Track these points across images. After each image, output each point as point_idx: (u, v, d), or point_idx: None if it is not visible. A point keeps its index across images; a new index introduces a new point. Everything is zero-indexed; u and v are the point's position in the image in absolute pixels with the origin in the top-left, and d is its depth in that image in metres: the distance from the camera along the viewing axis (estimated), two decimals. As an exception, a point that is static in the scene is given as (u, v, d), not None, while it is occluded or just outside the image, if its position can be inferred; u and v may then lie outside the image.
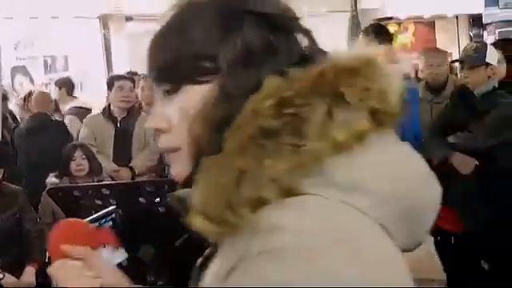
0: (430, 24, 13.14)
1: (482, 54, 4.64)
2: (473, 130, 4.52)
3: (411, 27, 12.96)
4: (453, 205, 4.44)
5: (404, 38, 12.74)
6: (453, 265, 4.90)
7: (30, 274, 4.81)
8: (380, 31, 4.72)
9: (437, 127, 4.74)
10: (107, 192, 2.71)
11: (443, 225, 4.49)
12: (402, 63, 4.86)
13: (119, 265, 2.45)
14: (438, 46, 12.29)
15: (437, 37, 12.98)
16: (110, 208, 2.53)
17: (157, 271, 2.81)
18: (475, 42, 5.06)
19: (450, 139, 4.61)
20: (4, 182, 5.07)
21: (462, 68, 4.73)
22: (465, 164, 4.51)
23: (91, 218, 2.37)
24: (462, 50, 4.94)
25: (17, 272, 4.84)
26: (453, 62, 5.76)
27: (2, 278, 4.66)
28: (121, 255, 2.53)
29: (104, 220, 2.46)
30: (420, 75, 6.05)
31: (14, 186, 5.10)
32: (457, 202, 4.43)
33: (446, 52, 5.65)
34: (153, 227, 2.67)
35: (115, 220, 2.51)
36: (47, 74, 11.77)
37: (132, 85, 6.29)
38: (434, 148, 4.58)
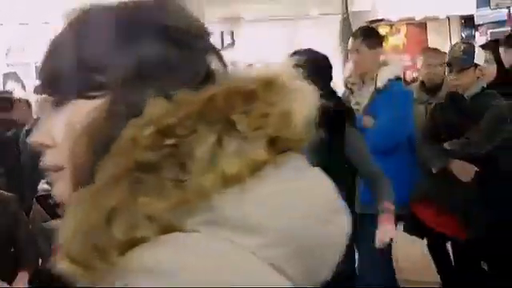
0: (422, 25, 13.13)
1: (470, 55, 4.61)
2: (469, 135, 4.50)
3: (403, 29, 12.96)
4: (454, 211, 4.44)
5: (396, 40, 12.74)
6: (450, 268, 4.88)
7: (22, 279, 4.77)
8: (369, 34, 4.71)
9: (431, 134, 4.71)
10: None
11: (444, 230, 4.48)
12: (393, 65, 4.80)
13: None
14: (430, 47, 12.32)
15: (429, 38, 12.98)
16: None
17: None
18: (462, 42, 5.02)
19: (447, 146, 4.58)
20: None
21: (450, 71, 4.69)
22: (465, 171, 4.49)
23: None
24: (448, 52, 4.88)
25: (9, 279, 4.80)
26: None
27: None
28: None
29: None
30: (417, 75, 6.06)
31: (6, 193, 5.06)
32: (457, 208, 4.42)
33: (445, 53, 5.64)
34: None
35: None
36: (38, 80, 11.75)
37: None
38: (432, 156, 4.56)
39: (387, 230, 3.70)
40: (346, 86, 4.79)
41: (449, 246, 5.12)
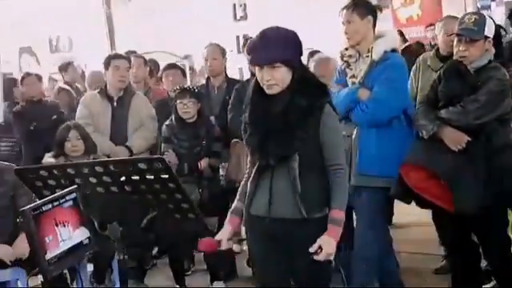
0: (437, -4, 13.01)
1: (481, 27, 4.53)
2: (465, 104, 4.47)
3: (417, 0, 12.84)
4: (442, 178, 4.43)
5: (410, 11, 12.64)
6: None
7: (22, 239, 4.70)
8: (359, 3, 4.67)
9: (429, 102, 4.69)
10: (72, 172, 2.73)
11: (430, 198, 4.47)
12: (388, 37, 4.77)
13: (80, 243, 2.50)
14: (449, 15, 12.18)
15: (443, 9, 12.84)
16: (71, 187, 2.56)
17: (124, 249, 2.85)
18: (473, 13, 4.93)
19: (442, 113, 4.55)
20: None
21: (459, 41, 4.63)
22: (456, 139, 4.47)
23: (52, 197, 2.41)
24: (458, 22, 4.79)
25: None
26: (450, 35, 5.69)
27: None
28: (81, 234, 2.56)
29: (64, 199, 2.49)
30: (436, 42, 5.99)
31: (3, 163, 5.09)
32: (445, 175, 4.41)
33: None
34: (120, 206, 2.69)
35: (76, 200, 2.54)
36: (52, 54, 11.83)
37: (128, 64, 6.30)
38: (424, 122, 4.54)
39: (329, 248, 3.34)
40: (342, 59, 4.78)
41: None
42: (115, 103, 6.15)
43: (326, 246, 3.33)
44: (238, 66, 10.61)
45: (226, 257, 6.16)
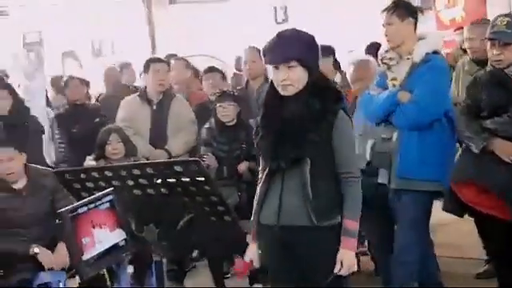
0: (481, -3, 12.82)
1: None
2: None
3: (461, 1, 12.67)
4: (494, 190, 4.36)
5: (453, 13, 12.47)
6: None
7: (63, 247, 4.75)
8: (399, 5, 4.62)
9: (470, 111, 4.61)
10: (110, 174, 2.74)
11: (485, 210, 4.42)
12: (430, 38, 4.71)
13: (116, 245, 2.51)
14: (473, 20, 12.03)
15: (488, 11, 12.65)
16: (108, 190, 2.57)
17: (161, 251, 2.85)
18: (505, 15, 4.86)
19: (488, 124, 4.49)
20: (32, 165, 5.10)
21: (492, 45, 4.56)
22: (507, 150, 4.40)
23: (88, 199, 2.42)
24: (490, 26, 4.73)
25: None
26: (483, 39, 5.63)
27: (38, 253, 4.75)
28: (118, 236, 2.57)
29: (101, 202, 2.50)
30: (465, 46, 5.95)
31: (42, 168, 5.16)
32: (498, 188, 4.34)
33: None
34: (156, 208, 2.69)
35: (112, 201, 2.55)
36: (95, 58, 11.95)
37: (168, 67, 6.33)
38: (472, 135, 4.47)
39: (349, 261, 3.31)
40: (382, 62, 4.73)
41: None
42: (155, 106, 6.18)
43: (346, 259, 3.29)
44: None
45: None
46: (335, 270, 3.25)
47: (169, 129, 6.15)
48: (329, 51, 6.57)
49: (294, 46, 3.37)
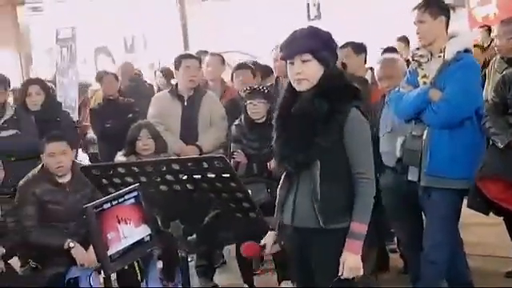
0: (515, -5, 12.69)
1: None
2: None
3: (495, -2, 12.55)
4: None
5: (487, 10, 12.36)
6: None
7: (91, 254, 4.87)
8: (431, 3, 4.59)
9: (497, 108, 4.57)
10: (137, 170, 2.76)
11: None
12: (462, 37, 4.67)
13: (141, 240, 2.53)
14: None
15: (523, 8, 12.51)
16: (133, 186, 2.58)
17: (187, 247, 2.86)
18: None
19: None
20: (77, 162, 5.24)
21: None
22: None
23: (114, 195, 2.43)
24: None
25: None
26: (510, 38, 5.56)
27: (74, 247, 4.82)
28: (143, 231, 2.58)
29: (126, 197, 2.51)
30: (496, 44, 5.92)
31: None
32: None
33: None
34: (182, 204, 2.71)
35: (138, 197, 2.56)
36: (127, 54, 12.04)
37: (199, 64, 6.35)
38: (498, 130, 4.43)
39: (350, 263, 3.24)
40: (413, 59, 4.70)
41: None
42: (185, 102, 6.20)
43: (348, 262, 3.23)
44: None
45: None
46: (339, 274, 3.22)
47: (199, 125, 6.16)
48: (361, 48, 6.55)
49: (308, 40, 3.33)
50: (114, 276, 4.93)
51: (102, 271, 4.31)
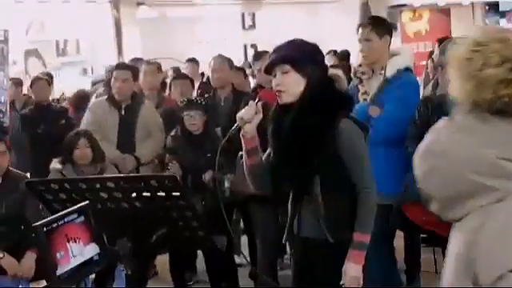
0: (445, 11, 13.02)
1: None
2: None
3: (426, 14, 12.84)
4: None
5: (418, 26, 12.64)
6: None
7: (30, 258, 4.80)
8: (378, 22, 4.66)
9: (420, 131, 4.63)
10: (84, 186, 2.71)
11: (433, 229, 4.43)
12: (403, 55, 4.76)
13: (91, 259, 2.48)
14: (453, 33, 12.21)
15: (452, 24, 12.87)
16: (83, 203, 2.54)
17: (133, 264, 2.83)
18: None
19: None
20: (11, 168, 5.11)
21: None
22: None
23: (63, 213, 2.38)
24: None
25: (17, 257, 4.85)
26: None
27: (2, 257, 4.70)
28: (92, 250, 2.54)
29: (76, 215, 2.47)
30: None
31: (19, 172, 5.14)
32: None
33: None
34: (130, 222, 2.67)
35: (87, 215, 2.52)
36: (59, 58, 11.82)
37: (129, 75, 6.19)
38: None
39: (351, 272, 3.24)
40: (355, 75, 4.76)
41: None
42: (123, 111, 6.11)
43: (349, 271, 3.23)
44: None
45: (229, 269, 6.14)
46: (341, 282, 3.22)
47: (137, 135, 6.08)
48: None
49: (288, 51, 3.28)
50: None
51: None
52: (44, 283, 4.85)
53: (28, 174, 6.28)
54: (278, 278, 5.67)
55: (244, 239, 6.59)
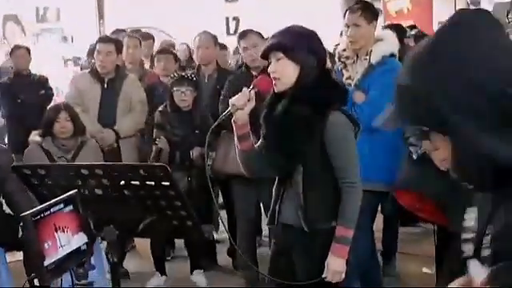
0: (427, -10, 12.97)
1: None
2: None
3: (408, -7, 12.79)
4: (432, 198, 4.40)
5: (400, 5, 12.59)
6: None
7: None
8: (367, 7, 4.65)
9: None
10: (71, 172, 2.69)
11: (424, 216, 4.49)
12: (388, 41, 4.76)
13: (78, 249, 2.48)
14: (435, 13, 12.20)
15: (434, 4, 12.83)
16: (71, 192, 2.52)
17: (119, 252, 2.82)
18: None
19: None
20: None
21: None
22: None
23: (51, 202, 2.37)
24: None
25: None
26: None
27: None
28: (80, 240, 2.53)
29: (64, 204, 2.45)
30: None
31: None
32: (434, 195, 4.37)
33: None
34: (117, 210, 2.66)
35: (76, 204, 2.50)
36: (38, 24, 11.66)
37: (112, 48, 6.12)
38: (414, 141, 4.50)
39: (333, 266, 3.25)
40: (340, 60, 4.76)
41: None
42: (106, 85, 6.07)
43: (332, 265, 3.24)
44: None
45: (207, 245, 6.17)
46: (323, 275, 3.23)
47: (119, 109, 6.05)
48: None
49: (281, 37, 3.26)
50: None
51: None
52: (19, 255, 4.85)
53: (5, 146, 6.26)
54: (257, 255, 5.71)
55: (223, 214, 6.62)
